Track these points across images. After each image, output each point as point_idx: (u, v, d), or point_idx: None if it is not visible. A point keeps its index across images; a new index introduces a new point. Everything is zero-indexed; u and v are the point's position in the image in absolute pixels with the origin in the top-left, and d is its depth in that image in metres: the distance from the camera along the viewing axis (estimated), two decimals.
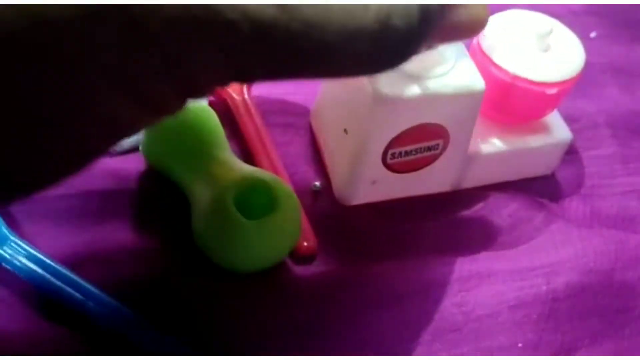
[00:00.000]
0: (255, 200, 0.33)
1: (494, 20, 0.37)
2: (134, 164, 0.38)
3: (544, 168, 0.41)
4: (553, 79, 0.35)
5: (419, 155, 0.35)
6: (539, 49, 0.36)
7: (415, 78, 0.32)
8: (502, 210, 0.39)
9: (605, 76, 0.46)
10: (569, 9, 0.51)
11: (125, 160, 0.38)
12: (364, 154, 0.34)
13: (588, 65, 0.37)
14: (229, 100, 0.41)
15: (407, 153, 0.35)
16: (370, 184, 0.37)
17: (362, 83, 0.32)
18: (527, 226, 0.39)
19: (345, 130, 0.35)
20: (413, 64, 0.29)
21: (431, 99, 0.27)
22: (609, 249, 0.38)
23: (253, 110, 0.40)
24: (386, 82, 0.32)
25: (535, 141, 0.39)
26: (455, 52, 0.33)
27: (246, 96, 0.41)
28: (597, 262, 0.38)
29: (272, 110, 0.41)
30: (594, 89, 0.39)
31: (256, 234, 0.32)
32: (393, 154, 0.35)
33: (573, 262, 0.38)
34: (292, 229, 0.34)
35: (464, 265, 0.37)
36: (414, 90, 0.32)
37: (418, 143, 0.35)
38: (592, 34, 0.49)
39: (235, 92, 0.41)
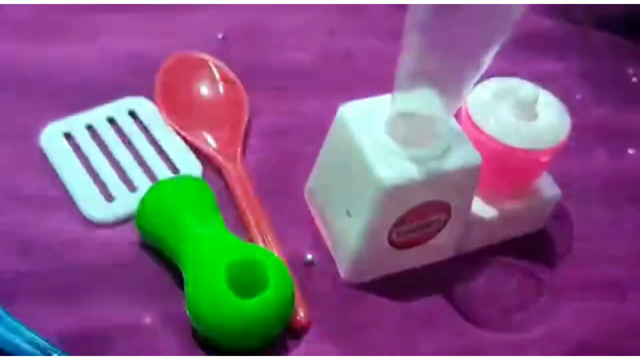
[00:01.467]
0: (248, 277, 0.33)
1: (479, 90, 0.37)
2: (129, 235, 0.38)
3: (537, 224, 0.42)
4: (546, 145, 0.36)
5: (424, 231, 0.36)
6: (527, 117, 0.36)
7: (415, 160, 0.32)
8: (493, 281, 0.39)
9: (593, 139, 0.46)
10: (551, 72, 0.50)
11: (119, 231, 0.38)
12: (371, 236, 0.35)
13: (576, 128, 0.37)
14: (222, 169, 0.41)
15: (411, 230, 0.35)
16: (376, 262, 0.37)
17: (362, 168, 0.33)
18: (517, 298, 0.39)
19: (348, 213, 0.35)
20: (411, 148, 0.29)
21: (433, 180, 0.28)
22: (599, 319, 0.39)
23: (245, 178, 0.40)
24: (386, 167, 0.32)
25: (526, 202, 0.39)
26: (448, 128, 0.34)
27: (239, 165, 0.41)
28: (586, 333, 0.38)
29: (266, 173, 0.41)
30: (582, 152, 0.39)
31: (250, 313, 0.33)
32: (398, 233, 0.35)
33: (564, 335, 0.37)
34: (285, 306, 0.34)
35: (454, 339, 0.37)
36: (415, 173, 0.32)
37: (422, 219, 0.35)
38: (577, 96, 0.49)
39: (228, 159, 0.41)
